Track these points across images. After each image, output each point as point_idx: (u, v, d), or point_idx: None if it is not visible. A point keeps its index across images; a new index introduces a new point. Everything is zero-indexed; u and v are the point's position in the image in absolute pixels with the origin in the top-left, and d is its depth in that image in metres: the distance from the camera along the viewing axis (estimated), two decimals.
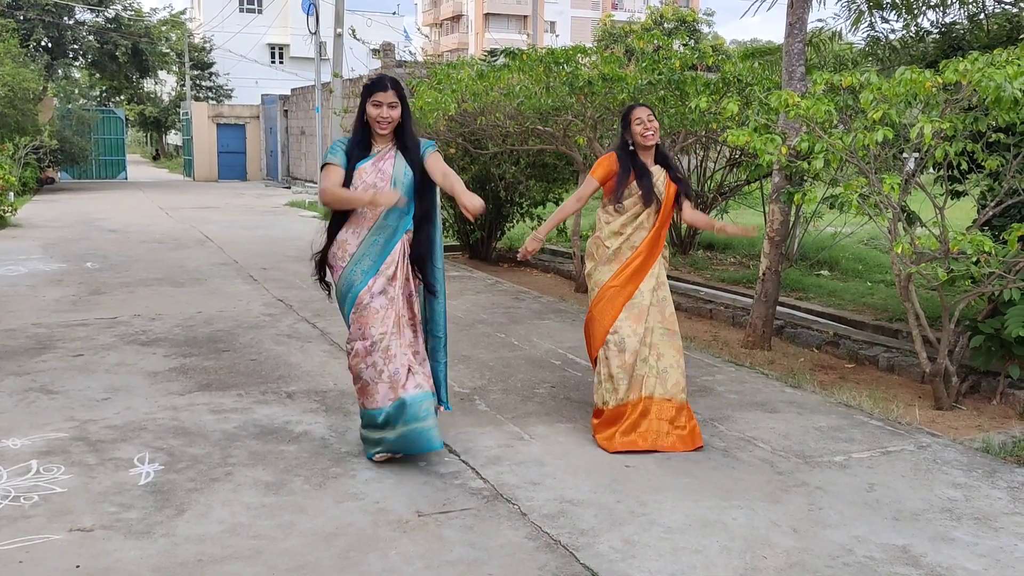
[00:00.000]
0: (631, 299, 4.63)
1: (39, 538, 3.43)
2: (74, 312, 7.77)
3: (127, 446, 4.46)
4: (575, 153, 9.24)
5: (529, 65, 8.61)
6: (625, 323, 4.60)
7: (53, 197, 21.91)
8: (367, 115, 4.23)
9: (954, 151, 5.23)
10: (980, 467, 4.39)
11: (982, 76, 4.82)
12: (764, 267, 7.11)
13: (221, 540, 3.45)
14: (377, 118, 4.20)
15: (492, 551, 3.40)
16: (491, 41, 43.66)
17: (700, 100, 6.45)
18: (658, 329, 4.64)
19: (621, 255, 4.67)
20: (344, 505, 3.80)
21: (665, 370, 4.61)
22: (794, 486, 4.10)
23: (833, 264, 10.74)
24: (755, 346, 7.12)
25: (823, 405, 5.39)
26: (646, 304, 4.64)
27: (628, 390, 4.58)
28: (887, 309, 8.15)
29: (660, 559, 3.36)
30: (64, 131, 25.93)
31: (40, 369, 5.86)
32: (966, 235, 5.11)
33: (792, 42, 6.92)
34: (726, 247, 12.49)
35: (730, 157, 11.78)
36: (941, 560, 3.40)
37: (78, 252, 11.78)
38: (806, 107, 5.39)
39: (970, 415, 5.54)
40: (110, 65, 31.34)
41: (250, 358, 6.22)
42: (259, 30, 47.66)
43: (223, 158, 31.88)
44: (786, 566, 3.32)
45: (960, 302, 5.63)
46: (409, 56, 27.57)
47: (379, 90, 4.19)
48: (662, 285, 4.74)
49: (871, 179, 5.42)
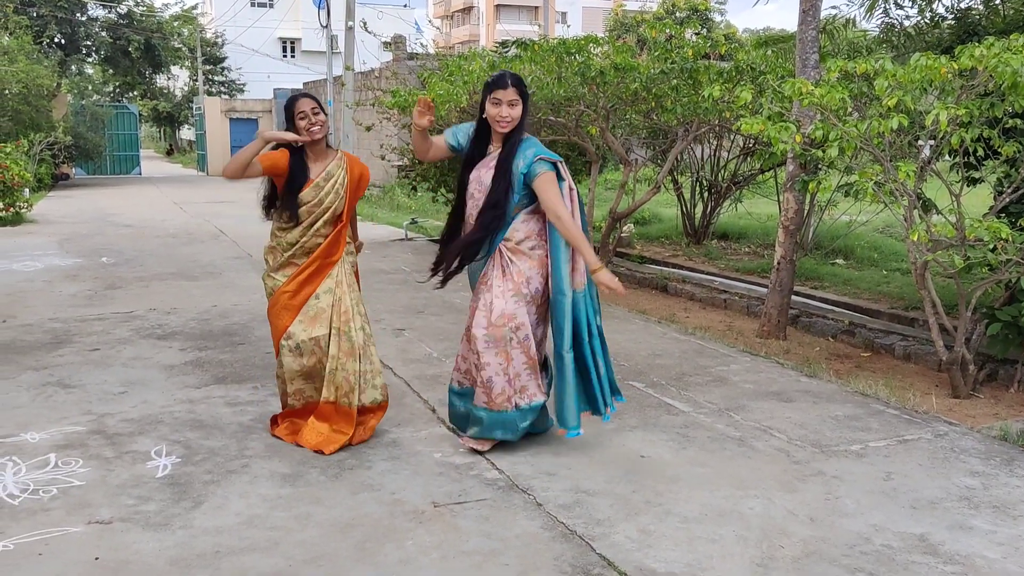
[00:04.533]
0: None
1: (58, 531, 3.46)
2: (90, 307, 7.82)
3: (144, 439, 4.48)
4: (587, 144, 9.21)
5: (541, 56, 8.58)
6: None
7: (68, 193, 22.03)
8: (486, 113, 4.08)
9: (970, 137, 5.18)
10: (998, 455, 4.36)
11: (998, 61, 4.78)
12: (779, 256, 7.08)
13: (238, 532, 3.46)
14: (496, 117, 4.03)
15: (508, 541, 3.40)
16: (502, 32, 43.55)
17: (713, 89, 6.41)
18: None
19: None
20: (360, 496, 3.81)
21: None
22: (810, 475, 4.08)
23: (848, 253, 10.68)
24: (770, 335, 7.09)
25: (839, 394, 5.37)
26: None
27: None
28: (903, 297, 8.11)
29: (676, 549, 3.35)
30: (78, 127, 26.08)
31: (57, 363, 5.90)
32: (983, 222, 5.07)
33: (806, 29, 6.88)
34: (740, 237, 12.44)
35: (744, 146, 11.72)
36: (959, 548, 3.38)
37: (93, 247, 11.85)
38: (820, 95, 5.36)
39: (987, 403, 5.51)
40: (123, 61, 31.48)
41: (265, 351, 6.24)
42: (271, 24, 47.75)
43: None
44: (803, 555, 3.31)
45: (977, 289, 5.59)
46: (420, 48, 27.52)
47: (499, 87, 4.01)
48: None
49: (886, 167, 5.38)
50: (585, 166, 10.99)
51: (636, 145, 12.95)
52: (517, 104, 4.02)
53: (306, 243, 4.37)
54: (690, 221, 12.34)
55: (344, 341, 4.36)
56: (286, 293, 4.37)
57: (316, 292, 4.36)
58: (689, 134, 9.17)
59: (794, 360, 6.34)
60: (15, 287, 8.77)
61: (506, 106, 4.00)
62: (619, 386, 4.49)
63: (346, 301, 4.38)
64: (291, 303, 4.37)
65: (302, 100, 4.35)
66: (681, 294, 9.07)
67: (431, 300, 8.17)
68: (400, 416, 4.85)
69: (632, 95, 8.43)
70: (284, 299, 4.38)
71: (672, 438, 4.56)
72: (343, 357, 4.36)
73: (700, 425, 4.77)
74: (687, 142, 9.35)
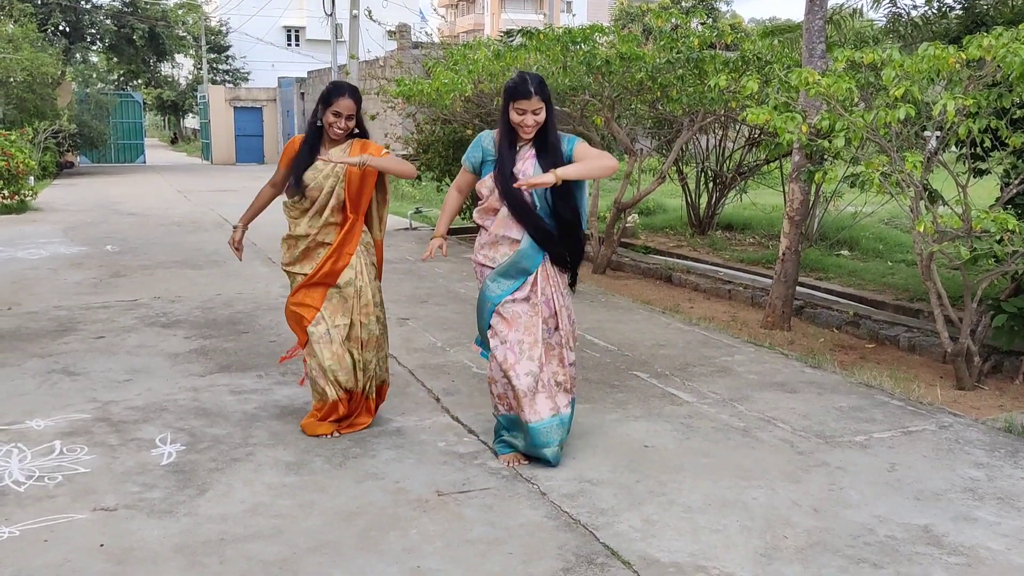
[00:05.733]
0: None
1: (63, 517, 3.47)
2: (95, 295, 7.83)
3: (149, 427, 4.49)
4: (593, 133, 9.19)
5: (546, 45, 8.56)
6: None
7: (72, 181, 22.05)
8: (510, 120, 3.93)
9: (977, 128, 5.15)
10: (1003, 447, 4.36)
11: (1007, 51, 4.75)
12: (784, 247, 7.07)
13: (243, 519, 3.47)
14: (522, 124, 3.91)
15: (512, 530, 3.40)
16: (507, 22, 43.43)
17: (719, 79, 6.39)
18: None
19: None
20: (364, 484, 3.82)
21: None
22: (814, 466, 4.08)
23: (853, 244, 10.65)
24: (774, 326, 7.08)
25: (843, 385, 5.36)
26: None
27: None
28: (908, 289, 8.09)
29: (680, 538, 3.36)
30: (83, 115, 26.07)
31: (62, 351, 5.91)
32: (989, 213, 5.05)
33: (812, 19, 6.84)
34: (745, 227, 12.41)
35: (749, 136, 11.68)
36: (964, 540, 3.38)
37: (98, 235, 11.86)
38: (827, 85, 5.33)
39: (992, 395, 5.50)
40: (127, 49, 31.47)
41: (269, 340, 6.25)
42: (275, 12, 47.58)
43: (240, 141, 31.95)
44: (807, 545, 3.31)
45: (982, 281, 5.57)
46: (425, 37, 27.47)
47: (522, 97, 3.85)
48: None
49: (893, 157, 5.36)
50: None
51: (641, 135, 12.93)
52: (541, 111, 3.90)
53: (317, 235, 4.35)
54: (695, 211, 12.31)
55: (363, 332, 4.40)
56: (304, 289, 4.37)
57: (338, 283, 4.36)
58: (694, 124, 9.14)
59: (798, 351, 6.33)
60: (20, 275, 8.79)
61: (530, 115, 3.89)
62: (623, 376, 4.46)
63: (367, 293, 4.40)
64: (313, 292, 4.36)
65: (343, 101, 4.24)
66: (685, 284, 9.06)
67: (435, 290, 8.18)
68: (404, 405, 4.86)
69: (637, 85, 8.41)
70: (304, 292, 4.38)
71: (676, 428, 4.56)
72: (365, 350, 4.40)
73: (704, 415, 4.77)
74: (692, 132, 9.32)
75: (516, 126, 3.93)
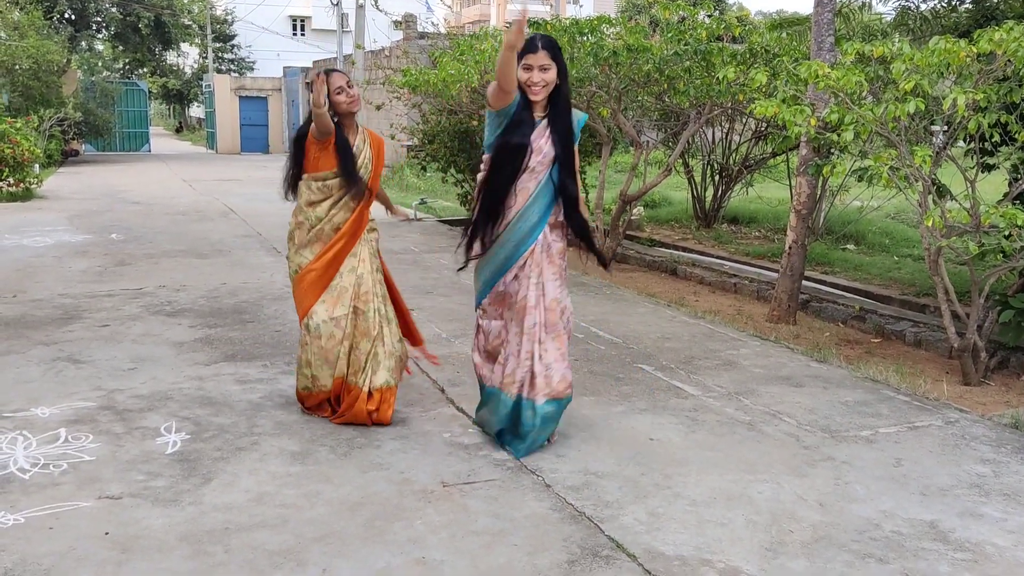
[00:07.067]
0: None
1: (68, 505, 3.47)
2: (100, 283, 7.83)
3: (154, 415, 4.49)
4: (599, 125, 9.16)
5: (553, 36, 8.52)
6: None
7: (77, 169, 22.05)
8: (520, 80, 3.82)
9: (987, 123, 5.13)
10: (1009, 443, 4.34)
11: (1018, 46, 4.73)
12: (790, 240, 7.05)
13: (248, 509, 3.47)
14: (528, 82, 3.81)
15: (517, 522, 3.40)
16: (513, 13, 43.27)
17: (727, 71, 6.37)
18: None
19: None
20: (369, 475, 3.81)
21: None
22: (820, 460, 4.07)
23: (859, 238, 10.64)
24: (780, 320, 7.07)
25: (849, 379, 5.35)
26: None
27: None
28: (914, 283, 8.07)
29: (685, 532, 3.35)
30: (88, 103, 26.08)
31: (67, 339, 5.91)
32: (997, 208, 5.03)
33: (821, 12, 6.81)
34: (751, 220, 12.39)
35: (756, 129, 11.64)
36: (969, 536, 3.37)
37: (103, 224, 11.86)
38: (836, 78, 5.31)
39: (998, 391, 5.49)
40: (133, 37, 31.45)
41: (275, 329, 6.25)
42: (281, 2, 47.49)
43: (245, 131, 31.95)
44: (812, 540, 3.31)
45: (990, 276, 5.56)
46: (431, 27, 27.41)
47: (529, 51, 3.78)
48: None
49: (901, 151, 5.34)
50: (596, 148, 10.93)
51: (647, 127, 12.88)
52: (550, 68, 3.81)
53: (334, 216, 4.38)
54: (701, 204, 12.29)
55: (361, 320, 4.38)
56: (312, 271, 4.37)
57: (340, 271, 4.37)
58: (701, 117, 9.11)
59: (804, 345, 6.32)
60: (25, 262, 8.79)
61: (537, 71, 3.79)
62: (628, 369, 4.44)
63: (367, 281, 4.40)
64: (318, 281, 4.38)
65: (336, 75, 4.38)
66: (691, 277, 9.05)
67: (440, 280, 8.17)
68: (409, 396, 4.85)
69: (644, 77, 8.38)
70: (311, 277, 4.38)
71: (681, 421, 4.56)
72: (358, 336, 4.38)
73: (709, 409, 4.76)
74: (699, 125, 9.29)
75: (525, 86, 3.83)
